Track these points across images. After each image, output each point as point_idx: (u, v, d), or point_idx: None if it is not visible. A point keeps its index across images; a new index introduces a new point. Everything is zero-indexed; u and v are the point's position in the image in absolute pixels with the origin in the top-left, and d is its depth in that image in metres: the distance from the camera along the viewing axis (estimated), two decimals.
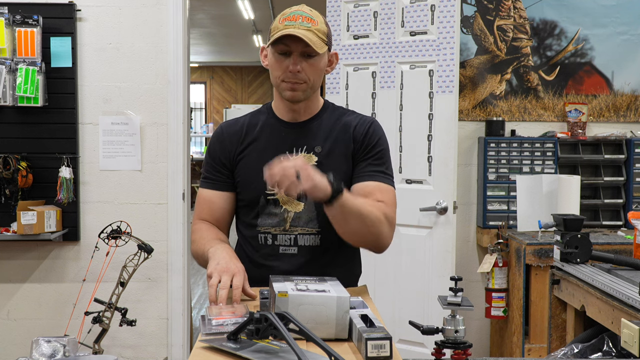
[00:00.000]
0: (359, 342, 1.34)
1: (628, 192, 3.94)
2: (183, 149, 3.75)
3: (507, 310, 3.69)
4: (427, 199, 3.48)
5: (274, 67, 1.87)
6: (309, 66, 1.84)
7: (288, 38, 1.80)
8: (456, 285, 1.52)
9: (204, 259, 1.85)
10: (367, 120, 1.95)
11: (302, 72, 1.83)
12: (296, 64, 1.82)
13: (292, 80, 1.84)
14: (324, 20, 1.89)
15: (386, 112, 3.56)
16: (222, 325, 1.44)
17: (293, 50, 1.82)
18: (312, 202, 1.86)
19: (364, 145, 1.90)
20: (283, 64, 1.84)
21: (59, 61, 3.64)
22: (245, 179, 1.92)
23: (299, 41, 1.80)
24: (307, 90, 1.87)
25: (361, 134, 1.91)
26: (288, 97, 1.88)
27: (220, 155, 1.95)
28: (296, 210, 1.88)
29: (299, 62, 1.82)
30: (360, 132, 1.91)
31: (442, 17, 3.42)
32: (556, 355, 2.34)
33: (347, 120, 1.95)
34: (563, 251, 2.67)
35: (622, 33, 4.03)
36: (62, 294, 3.75)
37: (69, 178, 3.59)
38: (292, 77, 1.84)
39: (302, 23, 1.81)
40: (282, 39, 1.81)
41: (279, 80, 1.87)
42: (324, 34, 1.84)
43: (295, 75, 1.83)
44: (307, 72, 1.84)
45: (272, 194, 1.88)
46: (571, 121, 4.01)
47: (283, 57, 1.84)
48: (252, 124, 1.96)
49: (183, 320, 3.79)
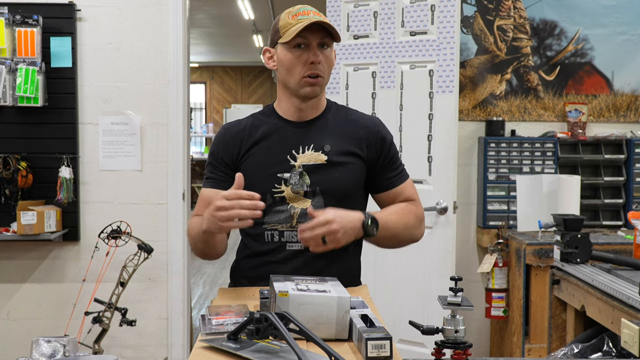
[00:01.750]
0: (359, 342, 1.34)
1: (628, 192, 3.94)
2: (183, 149, 3.75)
3: (507, 310, 3.69)
4: (427, 199, 3.48)
5: (292, 63, 1.86)
6: (325, 58, 1.86)
7: (306, 30, 1.81)
8: (456, 285, 1.52)
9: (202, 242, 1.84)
10: (373, 122, 1.98)
11: (321, 64, 1.85)
12: (317, 55, 1.83)
13: (313, 72, 1.84)
14: None
15: (386, 112, 3.56)
16: (222, 325, 1.44)
17: (311, 42, 1.83)
18: (320, 199, 1.88)
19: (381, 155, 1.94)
20: (302, 57, 1.84)
21: (59, 61, 3.64)
22: (251, 179, 1.91)
23: (317, 32, 1.82)
24: (323, 85, 1.90)
25: (373, 140, 1.94)
26: (307, 93, 1.87)
27: (223, 155, 1.95)
28: (303, 206, 1.88)
29: (319, 53, 1.84)
30: (372, 138, 1.94)
31: (442, 17, 3.42)
32: (556, 355, 2.34)
33: (354, 119, 1.97)
34: (563, 251, 2.67)
35: (622, 33, 4.03)
36: (62, 294, 3.75)
37: (69, 178, 3.59)
38: (313, 69, 1.84)
39: (314, 16, 1.83)
40: (302, 32, 1.82)
41: (299, 77, 1.86)
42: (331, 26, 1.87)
43: (315, 67, 1.84)
44: (323, 64, 1.86)
45: (279, 191, 1.89)
46: (571, 121, 4.01)
47: (300, 51, 1.84)
48: (256, 125, 1.96)
49: (183, 320, 3.79)
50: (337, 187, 1.89)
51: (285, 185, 1.88)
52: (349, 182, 1.90)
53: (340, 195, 1.89)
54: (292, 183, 1.88)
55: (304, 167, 1.88)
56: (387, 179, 1.96)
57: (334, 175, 1.88)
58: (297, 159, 1.89)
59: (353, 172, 1.91)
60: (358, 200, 1.96)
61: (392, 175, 1.96)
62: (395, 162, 1.98)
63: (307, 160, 1.89)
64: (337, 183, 1.88)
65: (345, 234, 1.73)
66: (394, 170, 1.97)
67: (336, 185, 1.88)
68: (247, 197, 1.65)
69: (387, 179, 1.96)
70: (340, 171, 1.89)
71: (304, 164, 1.89)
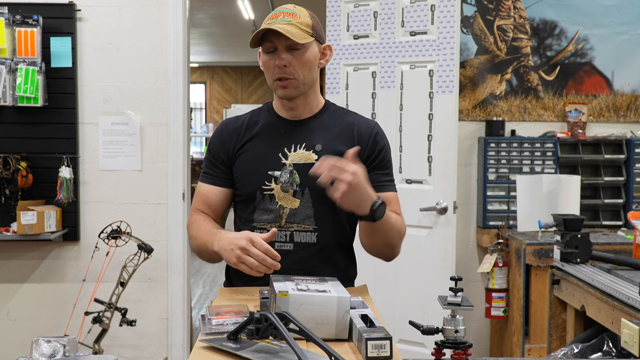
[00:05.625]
0: (359, 342, 1.34)
1: (628, 192, 3.94)
2: (183, 149, 3.75)
3: (507, 310, 3.69)
4: (427, 199, 3.48)
5: (265, 67, 1.89)
6: (295, 60, 1.85)
7: (271, 35, 1.83)
8: (456, 285, 1.52)
9: (208, 253, 1.86)
10: (370, 125, 1.97)
11: (289, 67, 1.85)
12: (282, 58, 1.84)
13: (281, 75, 1.86)
14: (309, 14, 1.90)
15: (386, 112, 3.56)
16: (222, 325, 1.44)
17: (277, 46, 1.85)
18: (309, 199, 1.88)
19: (372, 154, 1.93)
20: (271, 61, 1.87)
21: (59, 61, 3.64)
22: (243, 174, 1.93)
23: (281, 36, 1.82)
24: (298, 86, 1.88)
25: (367, 140, 1.93)
26: (281, 95, 1.90)
27: (220, 151, 1.96)
28: (292, 206, 1.88)
29: (285, 56, 1.84)
30: (366, 138, 1.93)
31: (442, 17, 3.42)
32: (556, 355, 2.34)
33: (349, 121, 1.96)
34: (563, 251, 2.67)
35: (622, 33, 4.03)
36: (62, 294, 3.75)
37: (69, 178, 3.59)
38: (280, 73, 1.86)
39: (283, 19, 1.84)
40: (265, 37, 1.85)
41: (272, 80, 1.89)
42: (307, 25, 1.86)
43: (283, 70, 1.85)
44: (294, 66, 1.86)
45: (268, 189, 1.89)
46: (571, 121, 4.01)
47: (271, 55, 1.87)
48: (252, 122, 1.97)
49: (183, 320, 3.79)
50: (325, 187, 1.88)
51: (275, 183, 1.89)
52: None
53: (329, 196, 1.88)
54: (282, 181, 1.88)
55: (295, 166, 1.89)
56: (375, 181, 1.89)
57: None
58: (288, 157, 1.90)
59: None
60: None
61: (381, 179, 1.92)
62: (387, 168, 1.95)
63: (298, 159, 1.89)
64: None
65: (353, 193, 1.65)
66: (383, 175, 1.93)
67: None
68: (272, 256, 1.65)
69: (375, 181, 1.88)
70: None
71: (295, 163, 1.89)
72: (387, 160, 1.95)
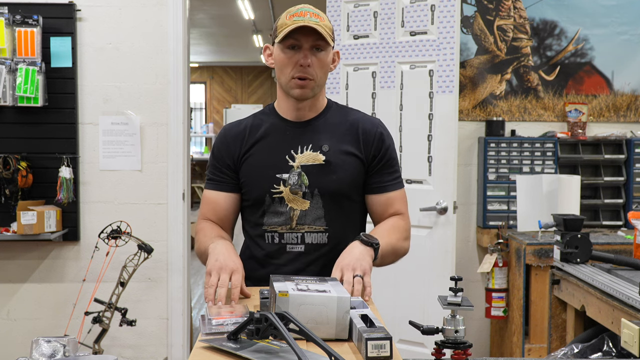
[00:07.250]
0: (359, 342, 1.34)
1: (628, 192, 3.94)
2: (183, 149, 3.75)
3: (507, 310, 3.69)
4: (427, 199, 3.48)
5: (283, 63, 1.87)
6: (318, 61, 1.85)
7: (299, 32, 1.81)
8: (456, 285, 1.52)
9: (205, 256, 1.86)
10: (375, 124, 1.97)
11: (311, 67, 1.84)
12: (307, 57, 1.83)
13: (302, 75, 1.84)
14: (328, 18, 1.92)
15: (386, 112, 3.56)
16: (222, 325, 1.44)
17: (303, 44, 1.83)
18: (319, 200, 1.88)
19: (379, 154, 1.94)
20: (293, 58, 1.85)
21: (59, 61, 3.64)
22: (250, 179, 1.92)
23: (309, 35, 1.82)
24: (314, 87, 1.88)
25: (372, 140, 1.93)
26: (297, 95, 1.88)
27: (225, 156, 1.95)
28: (302, 208, 1.88)
29: (310, 56, 1.84)
30: (371, 138, 1.94)
31: (442, 17, 3.42)
32: (556, 355, 2.34)
33: (354, 119, 1.96)
34: (563, 251, 2.67)
35: (622, 33, 4.03)
36: (62, 294, 3.74)
37: (69, 178, 3.59)
38: (302, 72, 1.84)
39: (310, 18, 1.82)
40: (293, 33, 1.82)
41: (289, 77, 1.87)
42: (330, 30, 1.87)
43: (305, 70, 1.84)
44: (315, 67, 1.85)
45: (277, 192, 1.89)
46: (571, 121, 4.01)
47: (292, 52, 1.85)
48: (256, 125, 1.96)
49: (183, 320, 3.79)
50: (334, 187, 1.89)
51: (284, 186, 1.88)
52: (346, 182, 1.90)
53: (338, 196, 1.89)
54: (291, 183, 1.88)
55: (303, 168, 1.88)
56: (381, 182, 1.94)
57: (332, 176, 1.88)
58: (296, 159, 1.89)
59: (351, 173, 1.90)
60: (356, 200, 1.96)
61: (386, 179, 1.95)
62: (392, 166, 1.96)
63: (305, 161, 1.89)
64: (335, 184, 1.88)
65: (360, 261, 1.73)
66: (389, 174, 1.95)
67: (334, 186, 1.88)
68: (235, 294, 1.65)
69: (380, 182, 1.94)
70: (338, 172, 1.89)
71: (303, 164, 1.89)
72: (393, 159, 1.97)
